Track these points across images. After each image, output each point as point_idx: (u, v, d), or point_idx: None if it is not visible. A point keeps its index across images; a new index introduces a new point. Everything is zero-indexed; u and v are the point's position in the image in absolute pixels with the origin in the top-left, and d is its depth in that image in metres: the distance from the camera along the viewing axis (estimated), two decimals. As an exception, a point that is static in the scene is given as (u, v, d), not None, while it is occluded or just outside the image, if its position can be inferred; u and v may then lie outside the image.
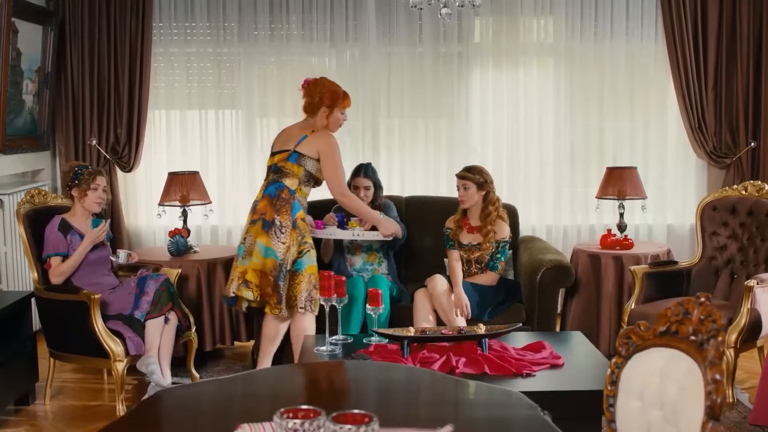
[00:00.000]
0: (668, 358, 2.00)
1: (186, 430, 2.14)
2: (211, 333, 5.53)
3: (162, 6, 6.49)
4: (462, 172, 5.35)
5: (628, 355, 2.15)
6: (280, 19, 6.55)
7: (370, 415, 1.84)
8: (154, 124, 6.63)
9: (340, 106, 4.92)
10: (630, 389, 2.10)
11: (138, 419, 2.11)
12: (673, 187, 6.75)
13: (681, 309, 2.01)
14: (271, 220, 4.73)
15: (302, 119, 4.99)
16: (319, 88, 4.88)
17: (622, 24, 6.58)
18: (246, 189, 6.67)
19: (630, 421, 2.08)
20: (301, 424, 1.81)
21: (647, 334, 2.10)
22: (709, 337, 1.87)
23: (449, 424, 2.05)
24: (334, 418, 1.83)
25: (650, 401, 2.02)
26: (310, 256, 4.79)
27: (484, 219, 5.29)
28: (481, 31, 6.71)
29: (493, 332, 4.25)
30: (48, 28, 6.11)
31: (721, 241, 5.35)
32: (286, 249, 4.72)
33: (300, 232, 4.77)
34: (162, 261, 5.45)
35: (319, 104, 4.86)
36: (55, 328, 4.77)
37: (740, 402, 4.77)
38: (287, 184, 4.80)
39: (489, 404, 2.35)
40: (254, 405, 1.90)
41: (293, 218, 4.75)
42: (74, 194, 4.82)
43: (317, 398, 2.42)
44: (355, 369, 2.83)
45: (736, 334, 4.66)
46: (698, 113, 6.43)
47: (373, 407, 2.32)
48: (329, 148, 4.82)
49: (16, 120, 5.87)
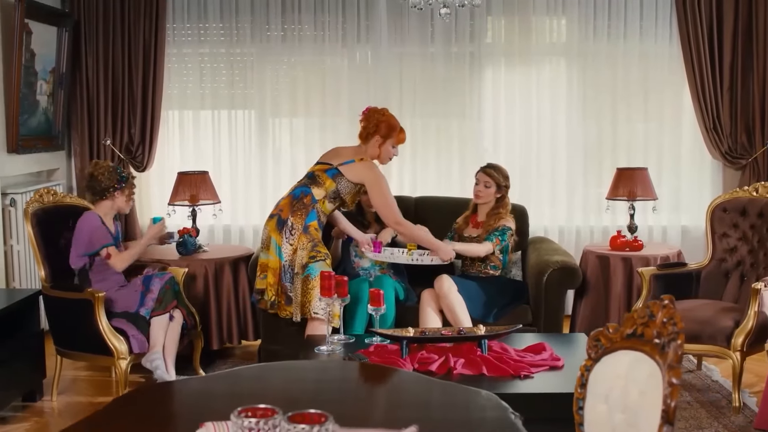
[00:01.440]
0: (633, 361, 1.98)
1: (154, 426, 2.16)
2: (218, 332, 5.57)
3: (175, 7, 6.54)
4: (488, 168, 5.35)
5: (597, 357, 2.13)
6: (292, 20, 6.57)
7: (326, 415, 1.84)
8: (167, 124, 6.69)
9: (394, 139, 4.94)
10: (597, 392, 2.08)
11: (109, 416, 2.14)
12: (688, 189, 6.68)
13: (647, 311, 1.99)
14: (285, 218, 4.77)
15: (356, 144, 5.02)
16: (377, 117, 4.91)
17: (636, 23, 6.52)
18: (258, 189, 6.71)
19: (597, 424, 2.06)
20: (256, 423, 1.82)
21: (615, 337, 2.08)
22: (670, 340, 1.85)
23: (414, 425, 2.05)
24: (289, 417, 1.83)
25: (615, 404, 2.00)
26: (325, 265, 4.74)
27: (491, 216, 5.30)
28: (494, 31, 6.69)
29: (492, 333, 4.24)
30: (62, 30, 6.19)
31: (731, 243, 5.28)
32: (293, 251, 4.73)
33: (311, 238, 4.75)
34: (171, 260, 5.50)
35: (374, 132, 4.89)
36: (61, 325, 4.83)
37: (747, 406, 4.70)
38: (313, 192, 4.82)
39: (458, 405, 2.34)
40: (227, 403, 1.90)
41: (306, 223, 4.76)
42: (117, 195, 4.92)
43: (290, 397, 2.42)
44: (331, 369, 2.83)
45: (743, 337, 4.60)
46: (713, 114, 6.35)
47: (340, 407, 2.33)
48: (377, 180, 4.87)
49: (30, 120, 5.95)
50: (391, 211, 4.91)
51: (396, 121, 4.97)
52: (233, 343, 5.73)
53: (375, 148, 4.92)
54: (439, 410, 2.34)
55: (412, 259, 5.13)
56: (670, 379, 1.73)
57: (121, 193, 4.94)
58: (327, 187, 4.83)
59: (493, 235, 5.21)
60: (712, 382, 5.18)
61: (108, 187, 4.90)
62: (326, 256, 4.79)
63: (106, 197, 4.92)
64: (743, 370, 4.66)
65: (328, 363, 3.22)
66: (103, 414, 2.20)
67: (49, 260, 4.87)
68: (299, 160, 6.70)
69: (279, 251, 4.74)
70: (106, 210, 4.95)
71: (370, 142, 4.92)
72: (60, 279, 4.88)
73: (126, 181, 4.96)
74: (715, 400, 4.85)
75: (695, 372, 5.37)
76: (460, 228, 5.40)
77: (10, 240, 5.68)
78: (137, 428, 2.13)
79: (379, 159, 4.97)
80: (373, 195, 4.90)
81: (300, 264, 4.73)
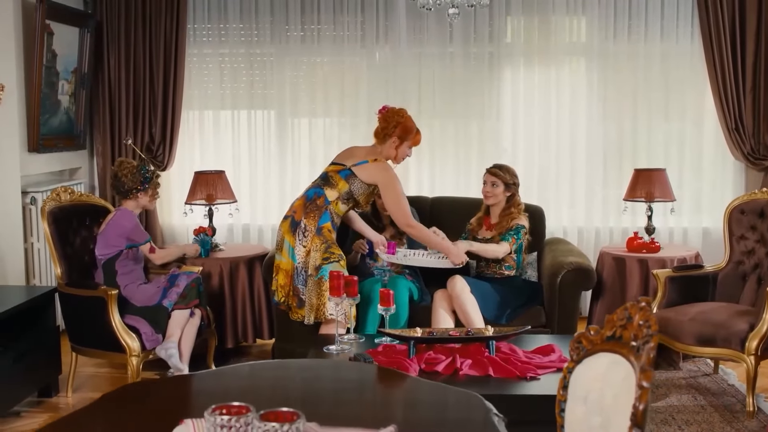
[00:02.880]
0: (611, 364, 1.96)
1: (135, 423, 2.19)
2: (233, 330, 5.62)
3: (196, 7, 6.60)
4: (494, 168, 5.37)
5: (578, 359, 2.12)
6: (311, 20, 6.60)
7: (298, 414, 1.85)
8: (188, 124, 6.75)
9: (410, 141, 4.97)
10: (577, 394, 2.07)
11: (93, 413, 2.16)
12: (709, 190, 6.60)
13: (625, 314, 1.97)
14: (298, 220, 4.78)
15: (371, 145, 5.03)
16: (396, 118, 4.92)
17: (657, 23, 6.45)
18: (277, 188, 6.75)
19: (576, 426, 2.05)
20: (228, 420, 1.84)
21: (596, 339, 2.07)
22: (644, 343, 1.84)
23: (392, 425, 2.05)
24: (261, 415, 1.85)
25: (593, 407, 1.99)
26: (339, 266, 4.73)
27: (503, 217, 5.29)
28: (513, 31, 6.66)
29: (499, 334, 4.23)
30: (84, 30, 6.27)
31: (749, 246, 5.21)
32: (306, 253, 4.74)
33: (324, 240, 4.75)
34: (187, 258, 5.54)
35: (391, 133, 4.90)
36: (75, 322, 4.90)
37: (761, 410, 4.64)
38: (327, 193, 4.83)
39: (442, 405, 2.34)
40: (211, 401, 1.92)
41: (319, 225, 4.76)
42: (140, 196, 5.02)
43: (273, 396, 2.45)
44: (320, 368, 2.84)
45: (757, 341, 4.54)
46: (735, 114, 6.27)
47: (322, 406, 2.34)
48: (390, 181, 4.87)
49: (52, 120, 6.03)
50: (402, 213, 4.91)
51: (413, 123, 4.98)
52: (248, 342, 5.77)
53: (391, 149, 4.93)
54: (422, 410, 2.34)
55: (425, 261, 5.13)
56: (641, 381, 1.72)
57: (145, 194, 5.04)
58: (340, 189, 4.84)
59: (508, 234, 5.20)
60: (728, 386, 5.11)
61: (131, 188, 4.98)
62: (340, 257, 4.79)
63: (130, 197, 5.00)
64: (758, 374, 4.60)
65: (319, 362, 3.23)
66: (87, 411, 2.23)
67: (66, 258, 4.94)
68: (318, 159, 6.72)
69: (292, 253, 4.76)
70: (132, 208, 5.04)
71: (386, 142, 4.92)
72: (76, 277, 4.96)
73: (150, 181, 5.04)
74: (730, 404, 4.79)
75: (711, 376, 5.30)
76: (473, 229, 5.40)
77: (31, 238, 5.77)
78: (118, 425, 2.16)
79: (394, 159, 4.98)
80: (386, 196, 4.91)
81: (313, 266, 4.73)
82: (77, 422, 2.17)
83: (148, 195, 5.05)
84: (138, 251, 5.03)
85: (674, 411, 4.67)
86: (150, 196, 5.07)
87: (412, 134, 4.96)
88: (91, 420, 2.16)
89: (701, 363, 5.53)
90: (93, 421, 2.17)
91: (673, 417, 4.57)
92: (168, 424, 2.05)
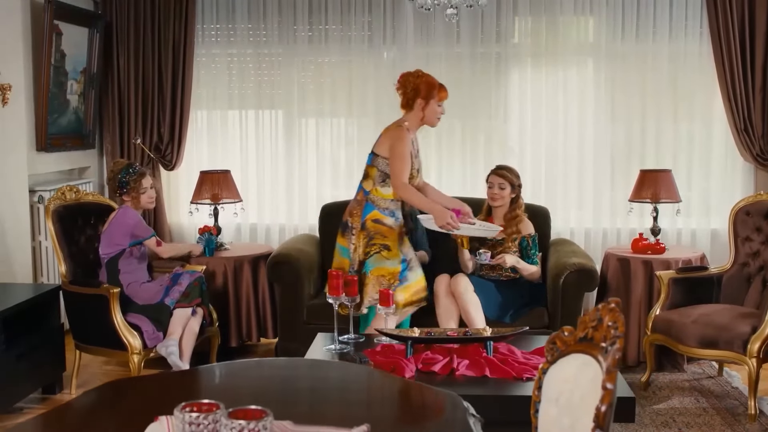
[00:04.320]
0: (582, 365, 1.96)
1: (111, 420, 2.21)
2: (237, 329, 5.65)
3: (204, 8, 6.63)
4: (501, 170, 5.36)
5: (552, 360, 2.12)
6: (319, 21, 6.61)
7: (266, 412, 1.86)
8: (196, 123, 6.78)
9: (436, 98, 4.76)
10: (550, 396, 2.07)
11: (73, 410, 2.19)
12: (718, 191, 6.54)
13: (597, 315, 1.97)
14: (345, 221, 4.80)
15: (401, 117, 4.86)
16: (412, 80, 4.76)
17: (666, 23, 6.40)
18: (285, 188, 6.77)
19: (548, 427, 2.05)
20: (196, 417, 1.85)
21: (570, 340, 2.06)
22: (611, 344, 1.83)
23: (365, 424, 2.06)
24: (229, 413, 1.86)
25: (564, 408, 1.98)
26: (377, 259, 4.68)
27: (509, 220, 5.28)
28: (520, 31, 6.63)
29: (497, 335, 4.22)
30: (93, 31, 6.33)
31: (754, 247, 5.18)
32: (353, 249, 4.74)
33: (367, 234, 4.71)
34: (192, 257, 5.58)
35: (414, 96, 4.74)
36: (78, 320, 4.95)
37: (764, 413, 4.60)
38: (364, 185, 4.82)
39: (418, 405, 2.34)
40: (190, 399, 1.93)
41: (362, 220, 4.74)
42: (126, 199, 5.03)
43: (251, 394, 2.46)
44: (302, 368, 2.85)
45: (759, 343, 4.51)
46: (744, 115, 6.22)
47: (299, 405, 2.35)
48: (397, 141, 4.70)
49: (60, 119, 6.09)
50: (396, 173, 4.68)
51: (433, 78, 4.78)
52: (252, 341, 5.80)
53: (419, 112, 4.78)
54: (399, 410, 2.35)
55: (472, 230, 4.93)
56: (605, 383, 1.71)
57: (131, 197, 5.02)
58: (372, 175, 4.80)
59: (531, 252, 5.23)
60: (731, 388, 5.08)
61: (119, 195, 5.04)
62: (381, 248, 4.69)
63: (124, 198, 5.04)
64: (760, 377, 4.57)
65: (302, 362, 3.24)
66: (66, 408, 2.26)
67: (71, 257, 4.99)
68: (326, 159, 6.75)
69: (346, 252, 4.77)
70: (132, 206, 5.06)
71: (413, 108, 4.78)
72: (81, 275, 5.01)
73: (127, 185, 5.01)
74: (733, 407, 4.76)
75: (716, 378, 5.27)
76: None
77: (38, 236, 5.83)
78: (95, 422, 2.18)
79: (427, 122, 4.82)
80: (390, 157, 4.73)
81: (358, 261, 4.73)
82: (54, 419, 2.19)
83: (130, 197, 5.02)
84: (142, 249, 5.06)
85: (676, 413, 4.65)
86: (133, 198, 5.02)
87: (436, 90, 4.75)
88: (66, 418, 2.18)
89: (706, 365, 5.50)
90: (67, 419, 2.19)
91: (674, 419, 4.55)
92: (145, 421, 2.07)
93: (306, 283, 5.36)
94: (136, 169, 5.07)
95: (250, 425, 1.81)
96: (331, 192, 6.73)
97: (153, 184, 5.17)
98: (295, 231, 6.66)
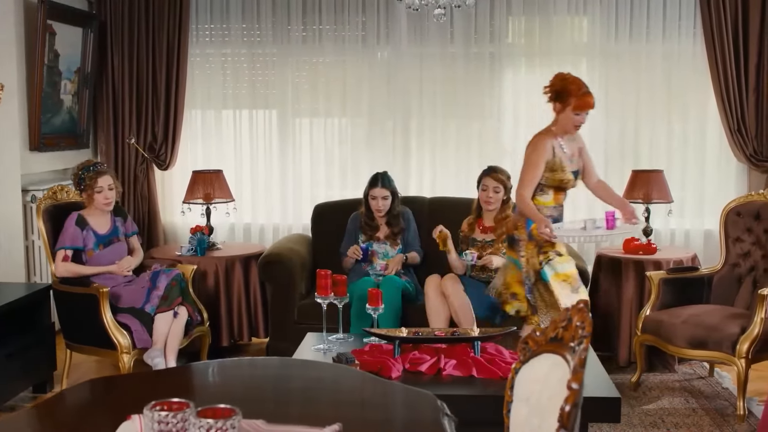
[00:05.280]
0: (552, 365, 1.97)
1: (84, 419, 2.22)
2: (228, 329, 5.66)
3: (199, 8, 6.64)
4: (495, 173, 5.30)
5: (525, 360, 2.12)
6: (313, 21, 6.61)
7: (235, 410, 1.87)
8: (190, 123, 6.79)
9: (572, 105, 4.46)
10: (521, 395, 2.07)
11: (50, 407, 2.20)
12: (712, 191, 6.52)
13: (566, 315, 1.98)
14: (511, 235, 4.68)
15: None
16: (552, 82, 4.56)
17: (659, 23, 6.40)
18: (279, 188, 6.78)
19: (519, 427, 2.06)
20: (165, 416, 1.86)
21: (541, 340, 2.07)
22: (578, 344, 1.84)
23: (337, 423, 2.07)
24: (198, 412, 1.86)
25: (534, 408, 1.99)
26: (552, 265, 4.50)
27: (499, 221, 5.26)
28: (514, 31, 6.62)
29: (485, 335, 4.23)
30: (87, 31, 6.33)
31: (745, 248, 5.18)
32: (526, 261, 4.59)
33: (535, 243, 4.54)
34: (183, 257, 5.60)
35: (554, 99, 4.55)
36: (69, 319, 4.96)
37: (753, 414, 4.60)
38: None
39: (392, 405, 2.35)
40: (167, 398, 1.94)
41: (528, 230, 4.57)
42: (83, 197, 5.00)
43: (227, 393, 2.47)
44: (282, 367, 2.86)
45: (748, 344, 4.51)
46: (738, 115, 6.21)
47: (275, 405, 2.36)
48: (530, 148, 4.58)
49: (54, 119, 6.10)
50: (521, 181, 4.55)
51: (572, 84, 4.48)
52: (244, 340, 5.81)
53: (559, 118, 4.57)
54: (374, 410, 2.35)
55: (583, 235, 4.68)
56: (570, 383, 1.72)
57: (86, 195, 4.98)
58: None
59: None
60: (722, 389, 5.08)
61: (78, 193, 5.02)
62: (554, 254, 4.51)
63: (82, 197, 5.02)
64: (749, 378, 4.57)
65: (278, 361, 3.25)
66: (43, 406, 2.26)
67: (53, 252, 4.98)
68: (319, 159, 6.76)
69: (517, 263, 4.66)
70: (92, 210, 5.03)
71: (556, 114, 4.58)
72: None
73: (83, 182, 4.98)
74: (722, 407, 4.76)
75: (706, 379, 5.27)
76: (466, 235, 5.36)
77: (32, 235, 5.85)
78: (69, 420, 2.19)
79: (563, 129, 4.57)
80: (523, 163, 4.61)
81: (534, 271, 4.56)
82: (32, 417, 2.20)
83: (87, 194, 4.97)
84: (108, 253, 5.02)
85: (665, 414, 4.65)
86: (88, 195, 4.96)
87: (572, 97, 4.45)
88: (42, 416, 2.19)
89: (697, 366, 5.50)
90: (44, 418, 2.20)
91: (662, 419, 4.55)
92: (116, 420, 2.08)
93: (297, 282, 5.38)
94: (97, 168, 5.03)
95: (218, 424, 1.82)
96: (326, 192, 6.73)
97: (114, 186, 5.08)
98: (289, 231, 6.67)
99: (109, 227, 5.06)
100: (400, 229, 5.51)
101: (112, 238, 5.07)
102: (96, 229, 4.98)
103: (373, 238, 5.48)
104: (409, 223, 5.59)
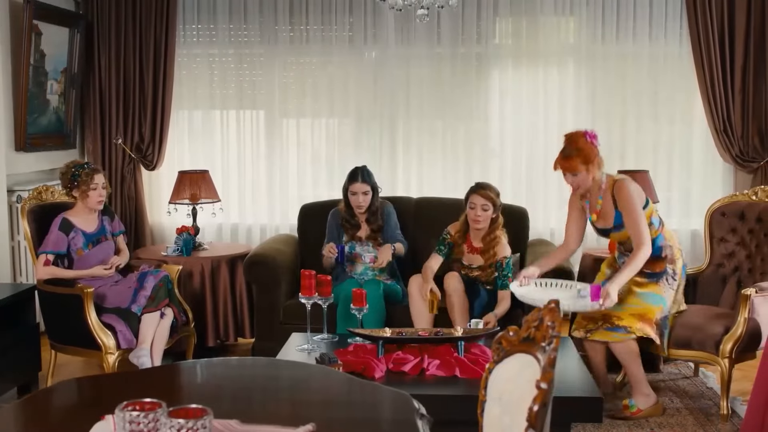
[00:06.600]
0: (523, 365, 1.97)
1: (57, 419, 2.22)
2: (214, 329, 5.65)
3: (186, 8, 6.64)
4: (483, 190, 5.09)
5: (498, 360, 2.12)
6: (300, 21, 6.62)
7: (206, 410, 1.87)
8: (177, 123, 6.79)
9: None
10: (493, 395, 2.08)
11: (23, 408, 2.20)
12: (699, 192, 6.56)
13: (538, 315, 1.98)
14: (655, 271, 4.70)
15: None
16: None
17: (646, 25, 6.43)
18: (266, 188, 6.78)
19: (492, 427, 2.06)
20: (137, 416, 1.85)
21: (514, 340, 2.07)
22: (548, 344, 1.84)
23: (311, 423, 2.07)
24: (170, 412, 1.86)
25: (506, 407, 2.00)
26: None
27: (488, 242, 5.13)
28: (501, 31, 6.64)
29: (468, 335, 4.24)
30: (74, 31, 6.33)
31: (729, 248, 5.19)
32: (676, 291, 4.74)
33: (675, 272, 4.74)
34: (169, 257, 5.59)
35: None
36: (53, 320, 4.94)
37: (736, 414, 4.61)
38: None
39: (367, 405, 2.35)
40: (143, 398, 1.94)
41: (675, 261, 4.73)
42: (75, 195, 4.98)
43: (203, 393, 2.47)
44: (258, 366, 2.86)
45: (731, 343, 4.52)
46: (724, 116, 6.24)
47: (248, 405, 2.36)
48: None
49: (40, 119, 6.09)
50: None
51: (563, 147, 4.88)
52: (230, 341, 5.81)
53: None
54: (348, 410, 2.35)
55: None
56: (539, 383, 1.72)
57: (80, 192, 4.94)
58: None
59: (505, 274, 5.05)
60: (706, 389, 5.09)
61: (69, 190, 4.98)
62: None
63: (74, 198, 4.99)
64: (732, 378, 4.58)
65: (258, 361, 3.25)
66: (18, 406, 2.26)
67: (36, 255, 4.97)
68: (306, 159, 6.76)
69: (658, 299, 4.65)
70: (81, 209, 5.00)
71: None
72: (57, 275, 5.00)
73: (78, 178, 4.94)
74: (706, 407, 4.77)
75: (691, 378, 5.29)
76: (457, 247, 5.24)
77: (17, 236, 5.83)
78: (42, 421, 2.19)
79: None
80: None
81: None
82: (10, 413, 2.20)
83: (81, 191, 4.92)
84: (94, 253, 5.00)
85: (649, 413, 4.65)
86: (83, 192, 4.92)
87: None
88: (19, 413, 2.19)
89: (682, 366, 5.51)
90: (21, 415, 2.20)
91: (646, 419, 4.56)
92: (90, 420, 2.08)
93: (282, 283, 5.37)
94: (91, 166, 5.03)
95: (189, 424, 1.82)
96: (313, 192, 6.73)
97: (106, 185, 5.06)
98: (276, 231, 6.67)
99: (96, 226, 5.05)
100: (378, 226, 5.46)
101: (100, 236, 5.05)
102: (84, 229, 4.97)
103: (355, 238, 5.44)
104: (389, 216, 5.52)
